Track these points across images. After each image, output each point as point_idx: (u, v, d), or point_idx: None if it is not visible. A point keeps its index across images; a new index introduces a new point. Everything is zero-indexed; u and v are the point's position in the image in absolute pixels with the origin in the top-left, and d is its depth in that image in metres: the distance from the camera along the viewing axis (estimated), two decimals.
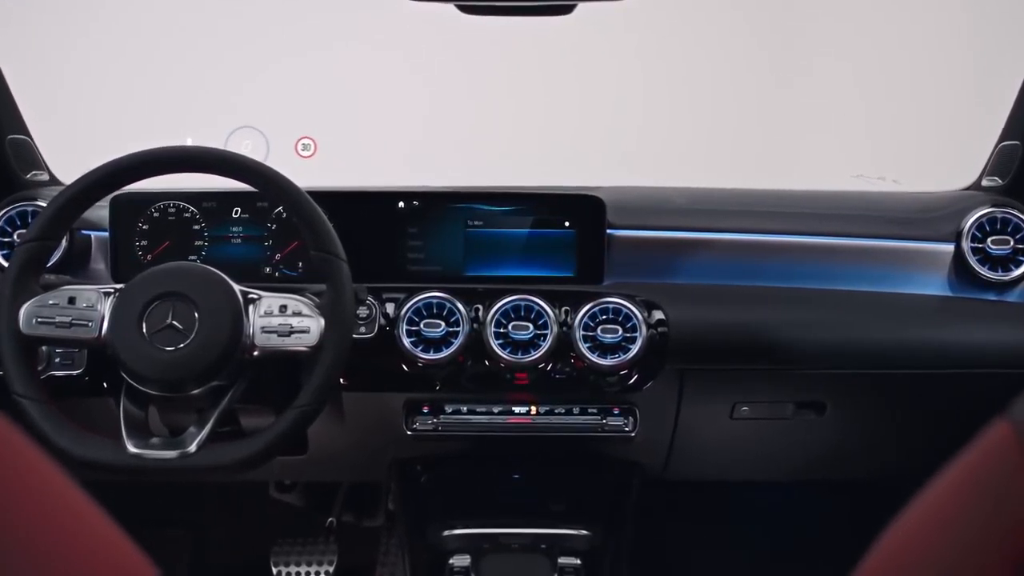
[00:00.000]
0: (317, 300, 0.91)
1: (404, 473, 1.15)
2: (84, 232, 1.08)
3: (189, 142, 1.28)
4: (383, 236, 1.06)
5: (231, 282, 0.90)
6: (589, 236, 1.06)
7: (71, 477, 0.26)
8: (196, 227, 1.06)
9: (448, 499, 1.13)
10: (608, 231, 1.06)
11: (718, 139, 1.41)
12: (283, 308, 0.90)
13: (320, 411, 0.87)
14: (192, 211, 1.06)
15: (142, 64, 1.36)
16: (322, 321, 0.88)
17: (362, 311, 0.98)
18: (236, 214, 1.06)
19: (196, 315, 0.86)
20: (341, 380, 1.00)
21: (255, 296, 0.90)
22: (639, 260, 1.08)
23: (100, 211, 1.06)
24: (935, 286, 1.07)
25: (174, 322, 0.86)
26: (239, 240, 1.06)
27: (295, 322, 0.88)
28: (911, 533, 0.24)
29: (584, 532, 1.07)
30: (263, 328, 0.88)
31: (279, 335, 0.88)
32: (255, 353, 0.88)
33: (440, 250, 1.06)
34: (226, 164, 0.89)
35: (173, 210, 1.06)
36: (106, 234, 1.06)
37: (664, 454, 1.15)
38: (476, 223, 1.06)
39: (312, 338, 0.88)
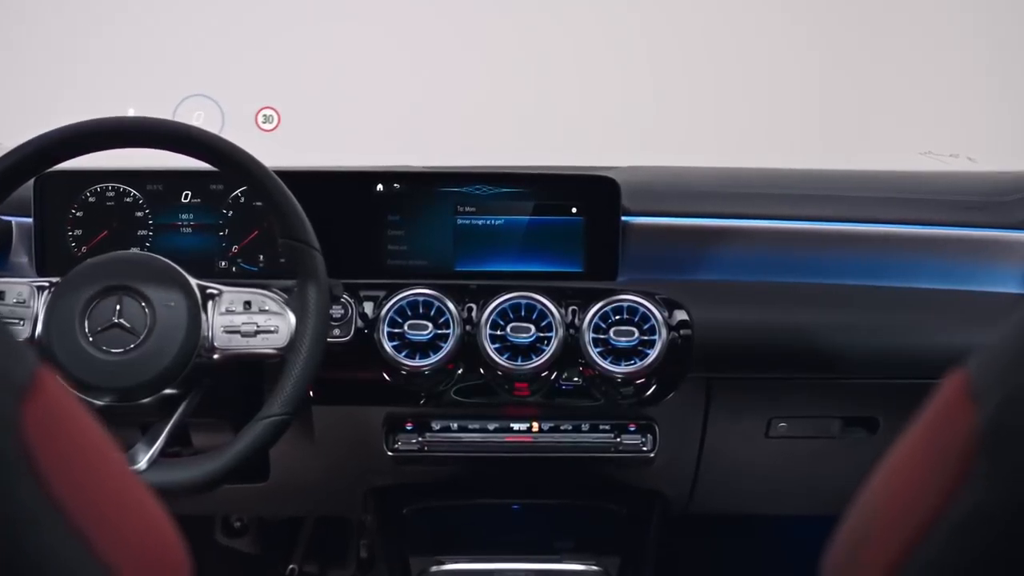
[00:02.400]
0: (286, 296, 0.92)
1: (383, 505, 1.16)
2: (4, 218, 1.09)
3: (131, 112, 1.30)
4: (359, 224, 1.07)
5: (187, 275, 0.91)
6: (601, 224, 1.07)
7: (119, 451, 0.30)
8: (139, 214, 1.07)
9: (435, 535, 1.14)
10: (623, 218, 1.07)
11: (755, 109, 1.42)
12: (247, 305, 0.91)
13: (291, 422, 0.88)
14: (134, 195, 1.07)
15: (72, 23, 1.37)
16: (293, 319, 0.89)
17: (336, 311, 0.99)
18: (186, 198, 1.07)
19: (147, 312, 0.87)
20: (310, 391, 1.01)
21: (215, 291, 0.91)
22: (659, 252, 1.09)
23: (24, 192, 1.06)
24: (1012, 282, 1.08)
25: (121, 320, 0.86)
26: (189, 229, 1.07)
27: (261, 320, 0.90)
28: (877, 490, 0.28)
29: (595, 568, 1.08)
30: (224, 328, 0.89)
31: (243, 335, 0.89)
32: (215, 356, 0.89)
33: (426, 240, 1.07)
34: (177, 138, 0.91)
35: (112, 193, 1.06)
36: (30, 220, 1.06)
37: (689, 481, 1.17)
38: (468, 209, 1.07)
39: (281, 339, 0.89)
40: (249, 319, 0.90)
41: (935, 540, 0.24)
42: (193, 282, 0.91)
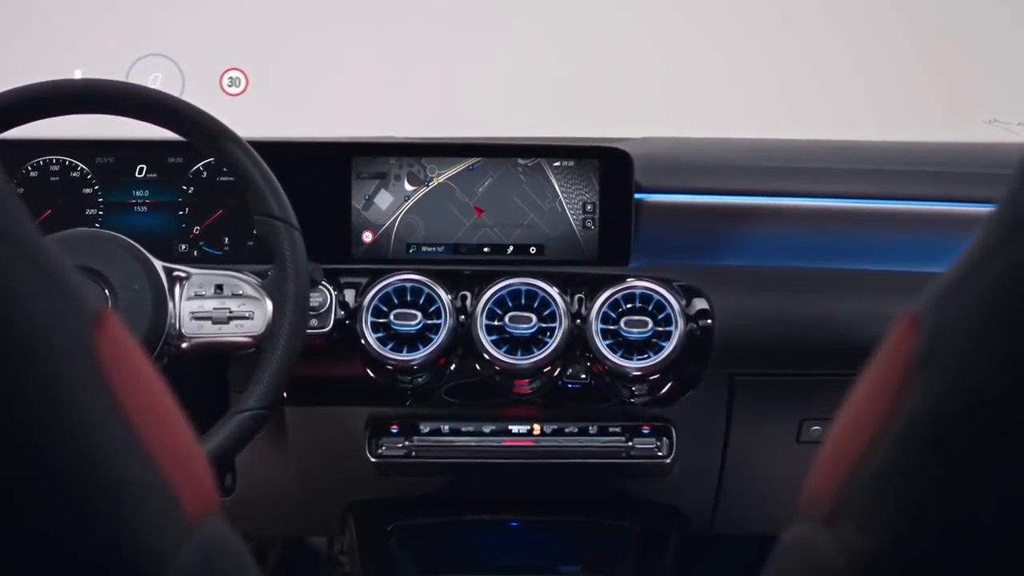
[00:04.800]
0: (261, 280, 0.96)
1: (364, 522, 1.19)
2: None
3: (78, 75, 1.33)
4: (337, 202, 1.10)
5: (150, 256, 0.94)
6: (611, 202, 1.10)
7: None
8: (87, 190, 1.09)
9: (423, 556, 1.18)
10: (636, 195, 1.11)
11: (787, 71, 1.43)
12: (219, 289, 0.95)
13: (269, 418, 0.92)
14: (82, 169, 1.09)
15: None
16: (269, 305, 0.93)
17: (314, 298, 1.01)
18: (141, 173, 1.10)
19: (108, 297, 0.90)
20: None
21: (182, 274, 0.95)
22: (676, 234, 1.12)
23: None
24: None
25: None
26: (144, 208, 1.10)
27: (235, 306, 0.93)
28: (840, 413, 0.36)
29: None
30: (193, 314, 0.93)
31: (214, 322, 0.93)
32: (183, 346, 0.93)
33: (413, 220, 1.11)
34: (134, 102, 0.94)
35: (56, 167, 1.09)
36: None
37: (711, 494, 1.19)
38: (459, 185, 1.11)
39: (257, 326, 0.93)
40: (221, 304, 0.94)
41: (880, 449, 0.32)
42: (158, 264, 0.94)
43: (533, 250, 1.11)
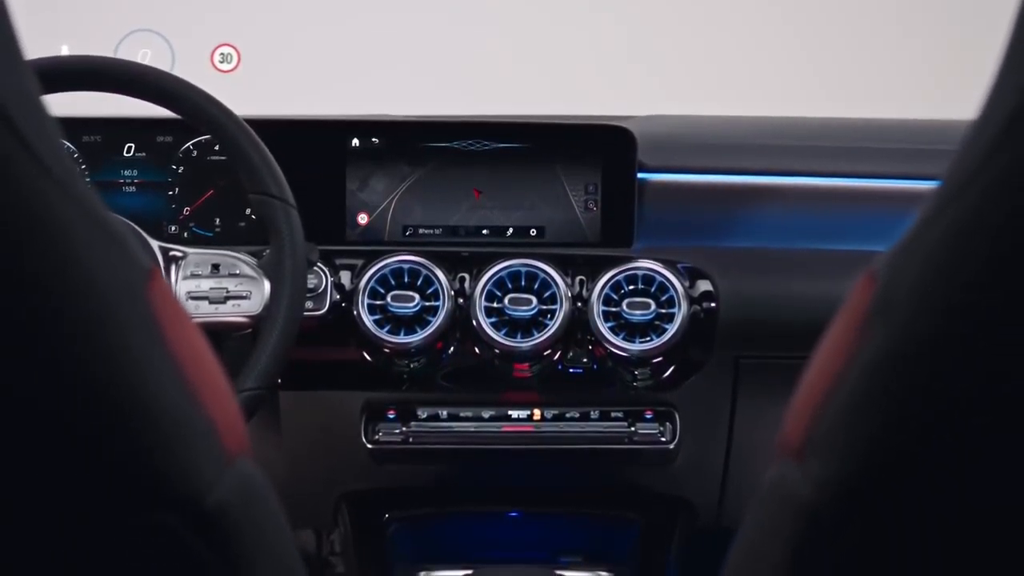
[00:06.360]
0: (257, 260, 0.97)
1: (359, 512, 1.19)
2: None
3: (65, 51, 1.33)
4: (332, 181, 1.10)
5: (146, 235, 0.95)
6: (614, 183, 1.10)
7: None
8: None
9: (420, 548, 1.18)
10: (640, 175, 1.11)
11: (798, 45, 1.42)
12: (215, 268, 0.95)
13: (267, 399, 0.93)
14: (68, 147, 1.10)
15: None
16: (267, 284, 0.94)
17: (309, 280, 1.01)
18: (129, 152, 1.10)
19: None
20: None
21: (178, 253, 0.96)
22: (680, 214, 1.13)
23: None
24: None
25: None
26: (133, 188, 1.10)
27: (232, 285, 0.94)
28: (805, 379, 0.40)
29: (604, 574, 1.13)
30: (190, 293, 0.94)
31: (211, 302, 0.94)
32: None
33: (410, 201, 1.11)
34: (125, 78, 0.94)
35: None
36: None
37: (717, 484, 1.20)
38: (458, 165, 1.11)
39: (254, 305, 0.93)
40: (218, 283, 0.94)
41: (841, 390, 0.37)
42: (154, 243, 0.95)
43: (533, 232, 1.11)
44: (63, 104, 1.01)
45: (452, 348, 1.08)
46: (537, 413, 1.11)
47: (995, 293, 0.33)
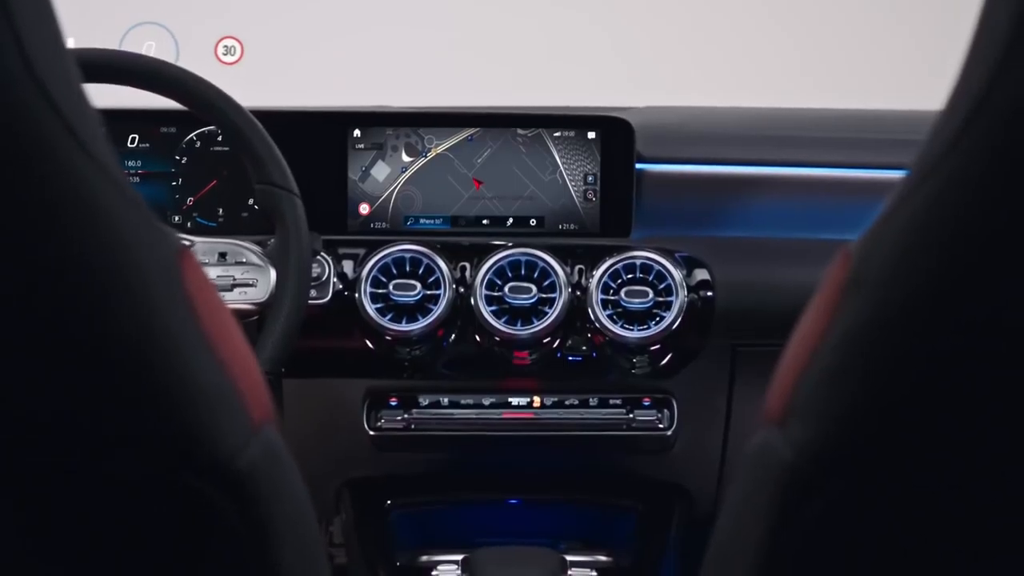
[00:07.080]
0: (263, 248, 0.99)
1: (361, 499, 1.21)
2: None
3: (70, 44, 1.35)
4: (334, 172, 1.12)
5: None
6: (613, 173, 1.12)
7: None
8: None
9: (422, 535, 1.19)
10: (638, 165, 1.13)
11: (797, 37, 1.42)
12: (222, 256, 0.97)
13: (274, 384, 0.95)
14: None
15: None
16: (273, 272, 0.96)
17: (312, 269, 1.03)
18: (133, 143, 1.12)
19: None
20: None
21: (186, 242, 0.97)
22: (678, 204, 1.14)
23: None
24: None
25: None
26: (136, 179, 1.12)
27: (238, 273, 0.96)
28: (787, 351, 0.44)
29: (603, 558, 1.15)
30: None
31: (218, 290, 0.95)
32: None
33: (412, 191, 1.13)
34: (132, 70, 0.96)
35: None
36: None
37: (715, 472, 1.21)
38: (459, 155, 1.12)
39: (261, 293, 0.95)
40: (225, 271, 0.96)
41: (818, 359, 0.40)
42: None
43: (533, 222, 1.13)
44: None
45: (453, 336, 1.09)
46: (537, 400, 1.13)
47: (957, 269, 0.36)
